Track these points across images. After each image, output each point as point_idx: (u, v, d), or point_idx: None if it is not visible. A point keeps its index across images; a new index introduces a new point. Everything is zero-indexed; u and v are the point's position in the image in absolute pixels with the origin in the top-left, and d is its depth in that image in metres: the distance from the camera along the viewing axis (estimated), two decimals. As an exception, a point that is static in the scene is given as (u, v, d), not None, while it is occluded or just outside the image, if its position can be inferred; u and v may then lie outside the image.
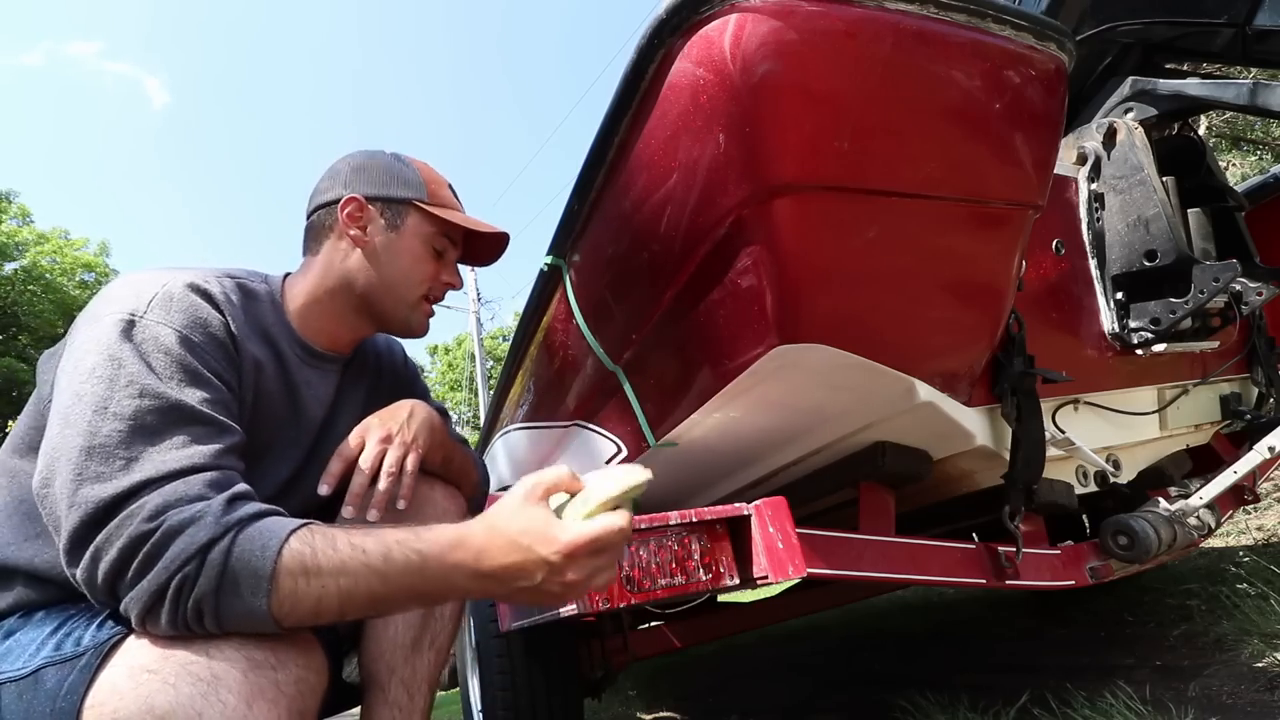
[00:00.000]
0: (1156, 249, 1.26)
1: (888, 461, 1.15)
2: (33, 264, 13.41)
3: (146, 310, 0.75)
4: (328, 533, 0.65)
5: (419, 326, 1.00)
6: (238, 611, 0.62)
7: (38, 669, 0.65)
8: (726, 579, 0.87)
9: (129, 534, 0.62)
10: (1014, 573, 1.20)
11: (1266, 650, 1.39)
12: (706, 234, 0.89)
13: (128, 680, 0.60)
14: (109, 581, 0.63)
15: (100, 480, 0.64)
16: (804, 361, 0.93)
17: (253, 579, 0.62)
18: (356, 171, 0.96)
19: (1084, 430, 1.27)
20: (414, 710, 0.92)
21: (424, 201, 0.95)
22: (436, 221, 0.96)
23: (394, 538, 0.65)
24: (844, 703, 1.96)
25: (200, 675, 0.59)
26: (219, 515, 0.64)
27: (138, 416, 0.68)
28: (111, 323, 0.73)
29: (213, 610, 0.62)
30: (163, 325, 0.74)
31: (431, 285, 0.98)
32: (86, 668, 0.63)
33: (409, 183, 0.96)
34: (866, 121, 0.82)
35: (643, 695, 2.91)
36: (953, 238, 0.95)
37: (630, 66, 0.88)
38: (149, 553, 0.62)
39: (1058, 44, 0.91)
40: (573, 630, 1.68)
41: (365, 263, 0.94)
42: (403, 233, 0.95)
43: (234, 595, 0.62)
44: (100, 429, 0.66)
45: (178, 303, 0.77)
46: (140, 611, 0.62)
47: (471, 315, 15.30)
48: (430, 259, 0.97)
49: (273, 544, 0.63)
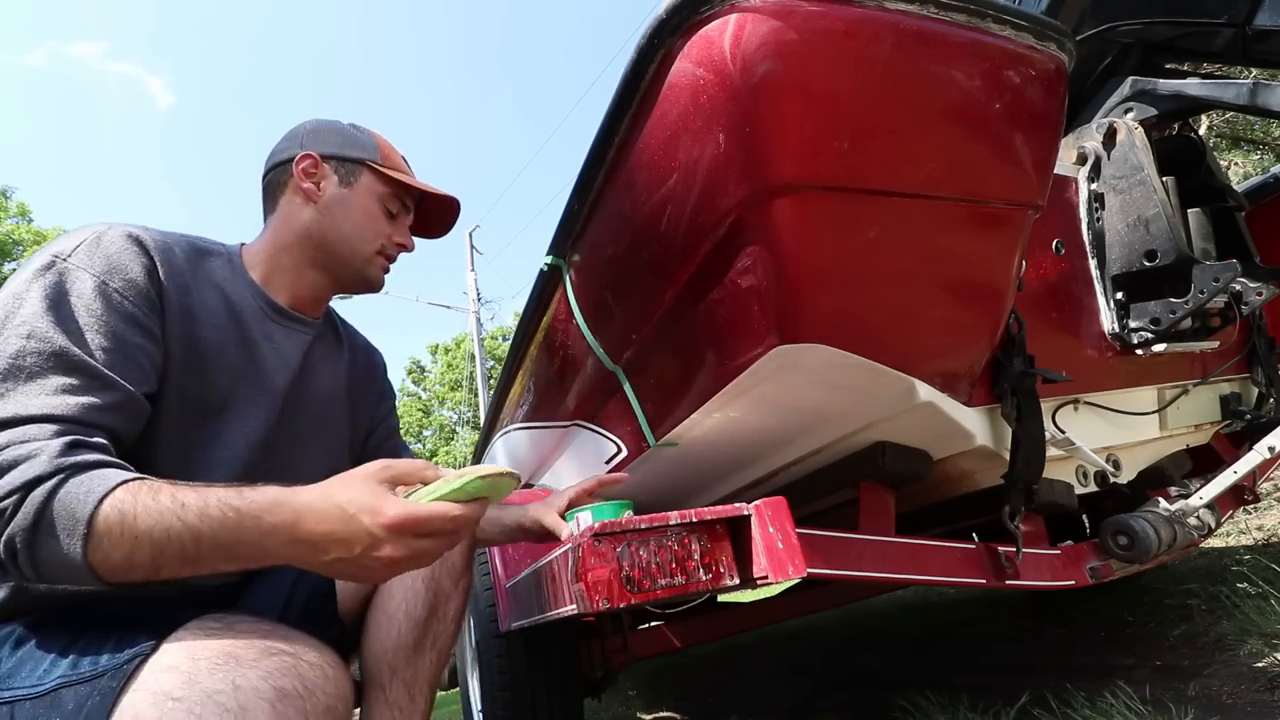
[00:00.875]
0: (1156, 249, 1.26)
1: (888, 461, 1.15)
2: (32, 263, 13.40)
3: (71, 254, 0.75)
4: (156, 486, 0.63)
5: (375, 280, 1.03)
6: (53, 555, 0.60)
7: (54, 689, 0.63)
8: (726, 579, 0.87)
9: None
10: (1014, 573, 1.20)
11: (1266, 650, 1.39)
12: (706, 234, 0.89)
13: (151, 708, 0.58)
14: None
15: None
16: (804, 361, 0.93)
17: (70, 522, 0.60)
18: (312, 133, 0.99)
19: (1084, 430, 1.27)
20: (414, 711, 0.92)
21: (376, 162, 0.99)
22: (389, 182, 1.00)
23: (216, 495, 0.63)
24: (844, 703, 1.96)
25: (227, 705, 0.58)
26: (54, 455, 0.62)
27: (18, 357, 0.68)
28: (35, 264, 0.74)
29: (27, 548, 0.60)
30: (81, 270, 0.75)
31: (385, 243, 1.01)
32: (107, 691, 0.61)
33: (363, 145, 1.00)
34: (866, 121, 0.82)
35: (643, 695, 2.91)
36: (953, 238, 0.95)
37: (630, 66, 0.88)
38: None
39: (1058, 44, 0.91)
40: (573, 630, 1.68)
41: (319, 216, 0.96)
42: (355, 189, 0.98)
43: (50, 536, 0.60)
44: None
45: (104, 248, 0.77)
46: None
47: (471, 315, 15.30)
48: (383, 217, 1.00)
49: (98, 490, 0.61)
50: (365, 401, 1.12)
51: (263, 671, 0.61)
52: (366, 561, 0.64)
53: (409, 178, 1.02)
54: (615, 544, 0.81)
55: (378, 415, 1.14)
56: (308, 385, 0.99)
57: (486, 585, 1.68)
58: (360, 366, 1.11)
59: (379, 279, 1.03)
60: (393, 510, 0.63)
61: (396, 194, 1.01)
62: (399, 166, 1.03)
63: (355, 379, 1.10)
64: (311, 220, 0.96)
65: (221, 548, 0.62)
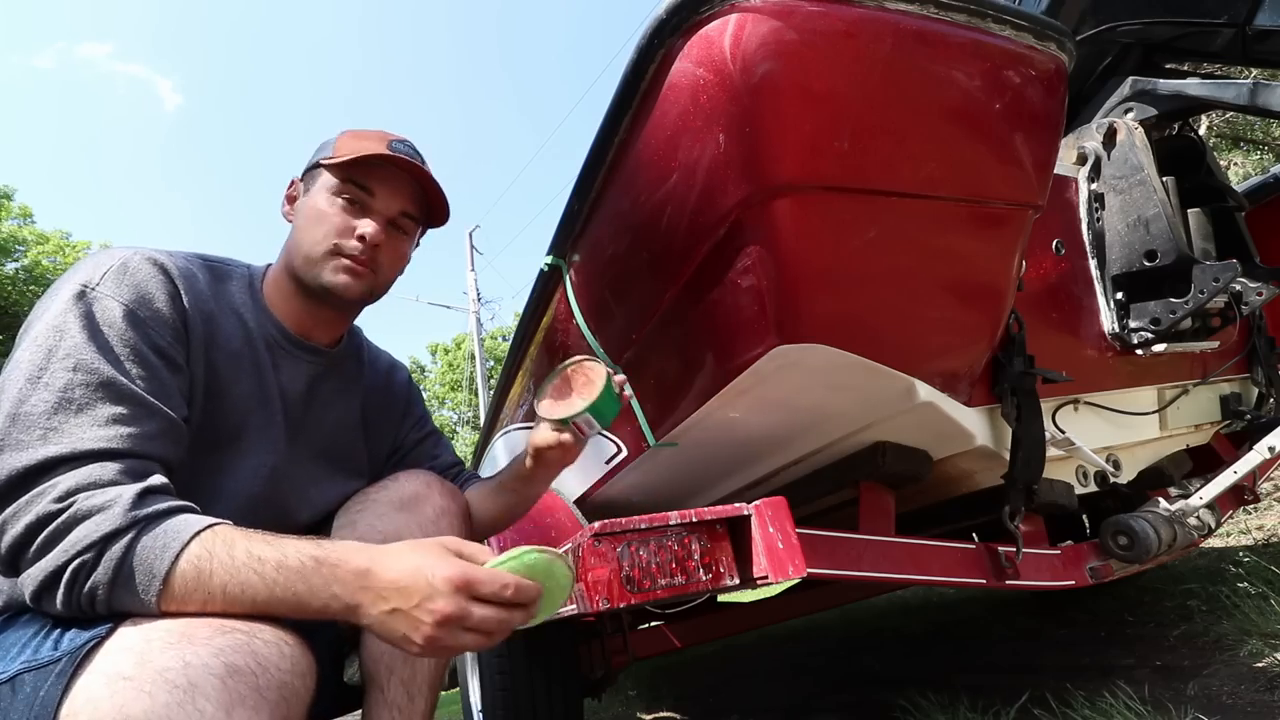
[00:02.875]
0: (1156, 249, 1.26)
1: (888, 461, 1.15)
2: (34, 264, 13.40)
3: (99, 282, 0.75)
4: (231, 538, 0.65)
5: (333, 285, 0.91)
6: (127, 605, 0.63)
7: (15, 675, 0.64)
8: (726, 579, 0.87)
9: (36, 512, 0.63)
10: (1014, 573, 1.20)
11: (1266, 650, 1.39)
12: (707, 234, 0.89)
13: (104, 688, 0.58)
14: (12, 554, 0.64)
15: (18, 449, 0.65)
16: (804, 361, 0.93)
17: (147, 578, 0.63)
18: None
19: (1084, 430, 1.27)
20: (414, 712, 0.92)
21: (327, 158, 0.92)
22: (336, 170, 0.91)
23: (294, 545, 0.65)
24: (844, 703, 1.96)
25: (176, 683, 0.58)
26: (127, 508, 0.64)
27: (68, 390, 0.68)
28: (65, 294, 0.74)
29: (104, 601, 0.63)
30: (110, 298, 0.75)
31: (340, 239, 0.90)
32: (61, 675, 0.61)
33: (323, 148, 0.96)
34: (866, 121, 0.82)
35: (643, 695, 2.91)
36: (953, 238, 0.95)
37: (630, 66, 0.88)
38: (52, 534, 0.63)
39: (1058, 44, 0.91)
40: (573, 630, 1.68)
41: (290, 235, 0.95)
42: (310, 194, 0.94)
43: (126, 590, 0.63)
44: (29, 397, 0.67)
45: (130, 276, 0.77)
46: (35, 590, 0.63)
47: (471, 315, 15.30)
48: (337, 212, 0.91)
49: (174, 546, 0.63)
50: (385, 424, 1.11)
51: (214, 649, 0.60)
52: (419, 614, 0.64)
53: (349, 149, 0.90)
54: (615, 544, 0.81)
55: (401, 433, 1.14)
56: (317, 416, 0.98)
57: (486, 585, 1.68)
58: (380, 389, 1.10)
59: (337, 281, 0.90)
60: (454, 568, 0.64)
61: (347, 179, 0.91)
62: (360, 150, 0.90)
63: (372, 404, 1.08)
64: (289, 244, 0.94)
65: (292, 597, 0.64)
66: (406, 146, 0.95)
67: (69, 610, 0.63)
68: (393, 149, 0.92)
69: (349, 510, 1.00)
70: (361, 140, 0.92)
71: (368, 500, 1.00)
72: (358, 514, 0.99)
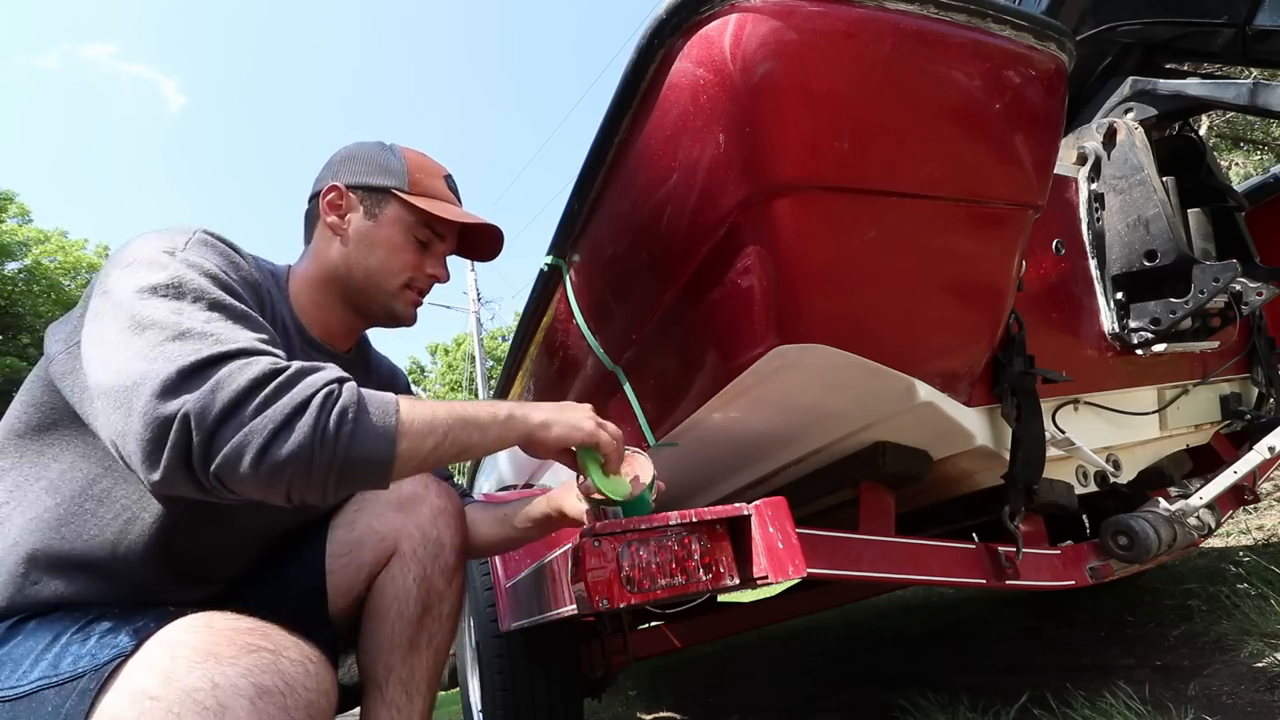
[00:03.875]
0: (1156, 249, 1.26)
1: (888, 461, 1.15)
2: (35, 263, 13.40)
3: (184, 249, 0.76)
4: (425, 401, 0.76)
5: (404, 315, 1.00)
6: (371, 436, 0.67)
7: (35, 690, 0.63)
8: (726, 579, 0.87)
9: (260, 367, 0.64)
10: (1014, 573, 1.20)
11: (1266, 650, 1.39)
12: (706, 234, 0.89)
13: (130, 708, 0.58)
14: (230, 407, 0.62)
15: (196, 351, 0.64)
16: (804, 361, 0.93)
17: (382, 405, 0.69)
18: (344, 161, 0.96)
19: (1084, 430, 1.27)
20: (413, 710, 0.92)
21: (404, 190, 0.94)
22: (416, 211, 0.95)
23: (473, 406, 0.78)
24: (844, 703, 1.96)
25: (205, 704, 0.57)
26: (341, 369, 0.70)
27: (211, 318, 0.69)
28: (154, 257, 0.73)
29: (354, 420, 0.66)
30: (204, 260, 0.76)
31: (413, 275, 0.97)
32: (85, 692, 0.60)
33: (390, 171, 0.95)
34: (866, 122, 0.82)
35: (643, 695, 2.91)
36: (953, 238, 0.94)
37: (630, 66, 0.88)
38: (285, 380, 0.65)
39: (1058, 44, 0.91)
40: (573, 630, 1.68)
41: (345, 251, 0.94)
42: (381, 221, 0.94)
43: (369, 415, 0.67)
44: (181, 323, 0.67)
45: (210, 248, 0.80)
46: (273, 428, 0.62)
47: (471, 315, 15.30)
48: (411, 249, 0.96)
49: (391, 396, 0.71)
50: None
51: (242, 668, 0.60)
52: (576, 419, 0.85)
53: (440, 205, 0.96)
54: (615, 544, 0.81)
55: None
56: None
57: (486, 585, 1.68)
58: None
59: (408, 314, 0.99)
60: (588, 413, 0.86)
61: (425, 222, 0.96)
62: (434, 192, 0.97)
63: None
64: (339, 257, 0.94)
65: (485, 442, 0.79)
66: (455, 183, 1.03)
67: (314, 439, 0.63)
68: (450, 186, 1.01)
69: (347, 510, 1.00)
70: (430, 178, 0.98)
71: (365, 500, 1.00)
72: (356, 513, 0.99)
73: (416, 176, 0.96)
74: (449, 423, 0.74)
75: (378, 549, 0.97)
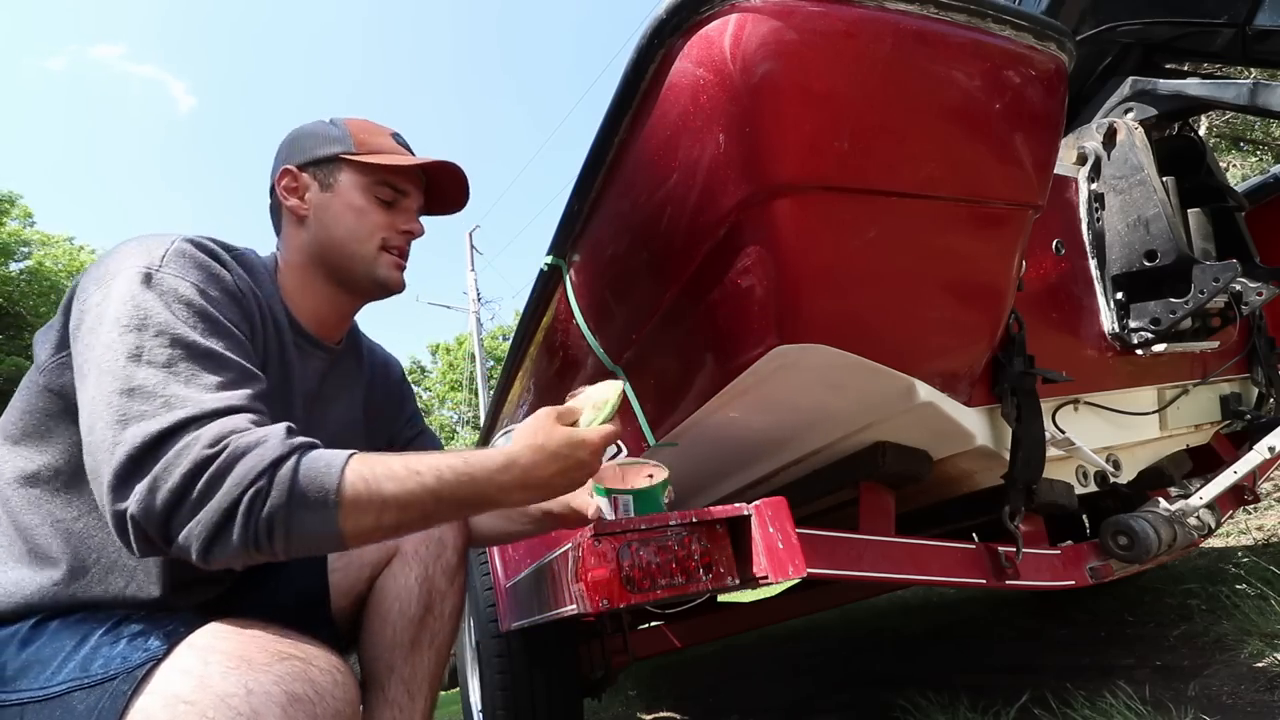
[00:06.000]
0: (1156, 249, 1.26)
1: (888, 461, 1.15)
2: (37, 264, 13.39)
3: (161, 264, 0.75)
4: (383, 458, 0.69)
5: (389, 280, 0.95)
6: (309, 527, 0.64)
7: (65, 691, 0.64)
8: (727, 579, 0.87)
9: (192, 459, 0.63)
10: (1014, 573, 1.20)
11: (1266, 650, 1.39)
12: (706, 234, 0.89)
13: (165, 710, 0.59)
14: (166, 511, 0.62)
15: (145, 418, 0.65)
16: (804, 361, 0.93)
17: (321, 492, 0.64)
18: (289, 144, 0.95)
19: (1084, 430, 1.27)
20: (414, 710, 0.92)
21: (351, 153, 0.92)
22: (369, 169, 0.92)
23: (445, 461, 0.71)
24: (844, 703, 1.96)
25: (239, 710, 0.58)
26: (282, 438, 0.66)
27: (171, 363, 0.68)
28: (129, 277, 0.72)
29: (284, 523, 0.63)
30: (180, 279, 0.74)
31: (386, 235, 0.94)
32: (119, 695, 0.61)
33: (333, 139, 0.93)
34: (866, 121, 0.82)
35: (643, 695, 2.91)
36: (953, 238, 0.95)
37: (630, 66, 0.88)
38: (215, 473, 0.63)
39: (1058, 44, 0.91)
40: (573, 630, 1.68)
41: (312, 230, 0.92)
42: (337, 190, 0.92)
43: (304, 509, 0.64)
44: (136, 375, 0.67)
45: (190, 259, 0.77)
46: (207, 535, 0.62)
47: (471, 315, 15.30)
48: (375, 209, 0.93)
49: (336, 463, 0.66)
50: (384, 422, 1.11)
51: (275, 676, 0.61)
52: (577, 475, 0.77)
53: (391, 158, 0.93)
54: (615, 544, 0.81)
55: (397, 427, 1.14)
56: (324, 412, 0.98)
57: (487, 585, 1.68)
58: (379, 386, 1.10)
59: (393, 278, 0.96)
60: (594, 438, 0.78)
61: (384, 179, 0.93)
62: (379, 149, 0.94)
63: (374, 399, 1.08)
64: (309, 238, 0.93)
65: (459, 504, 0.72)
66: (406, 140, 0.99)
67: (246, 549, 0.63)
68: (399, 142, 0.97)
69: None
70: (376, 136, 0.95)
71: None
72: None
73: (361, 137, 0.93)
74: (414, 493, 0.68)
75: (380, 548, 0.97)
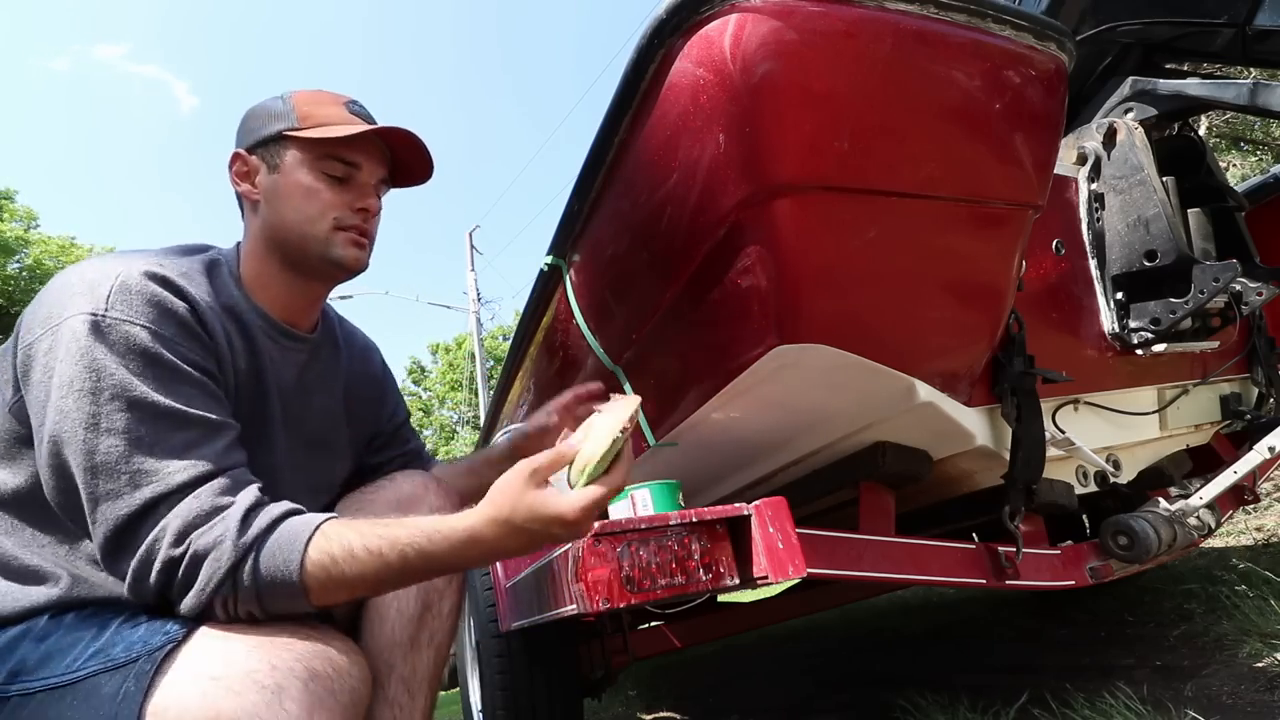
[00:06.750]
0: (1156, 249, 1.26)
1: (888, 461, 1.15)
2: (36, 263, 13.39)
3: (108, 307, 0.71)
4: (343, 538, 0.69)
5: (345, 259, 0.89)
6: (283, 607, 0.69)
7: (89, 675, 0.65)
8: (726, 579, 0.87)
9: (162, 559, 0.67)
10: (1014, 573, 1.20)
11: (1266, 650, 1.39)
12: (706, 234, 0.89)
13: (192, 686, 0.62)
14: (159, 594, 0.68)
15: (112, 498, 0.67)
16: (804, 361, 0.93)
17: (287, 585, 0.67)
18: (239, 128, 0.91)
19: (1084, 430, 1.27)
20: (414, 709, 0.92)
21: (294, 129, 0.86)
22: (313, 145, 0.86)
23: (406, 540, 0.69)
24: (844, 703, 1.96)
25: (265, 684, 0.61)
26: (235, 538, 0.67)
27: (130, 429, 0.68)
28: (76, 326, 0.69)
29: (260, 608, 0.68)
30: (129, 323, 0.71)
31: (339, 214, 0.88)
32: (142, 674, 0.63)
33: (276, 115, 0.87)
34: (866, 122, 0.82)
35: (643, 695, 2.91)
36: (952, 238, 0.95)
37: (630, 66, 0.88)
38: (185, 578, 0.67)
39: (1058, 44, 0.91)
40: (573, 630, 1.68)
41: (265, 214, 0.88)
42: (284, 169, 0.87)
43: (273, 599, 0.68)
44: (97, 447, 0.67)
45: (137, 294, 0.73)
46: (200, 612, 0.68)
47: (471, 315, 15.29)
48: (326, 187, 0.87)
49: (295, 554, 0.68)
50: (366, 412, 1.09)
51: (296, 653, 0.65)
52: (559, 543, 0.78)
53: (339, 128, 0.86)
54: (615, 544, 0.81)
55: (381, 417, 1.13)
56: (306, 406, 0.97)
57: (486, 585, 1.68)
58: (359, 375, 1.08)
59: (349, 255, 0.89)
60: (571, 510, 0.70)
61: (331, 153, 0.87)
62: (329, 119, 0.87)
63: (354, 389, 1.06)
64: (262, 223, 0.88)
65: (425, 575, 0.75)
66: (364, 109, 0.93)
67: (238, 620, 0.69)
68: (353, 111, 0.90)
69: (346, 510, 1.00)
70: (325, 107, 0.89)
71: (365, 500, 1.00)
72: (355, 513, 0.99)
73: (305, 110, 0.87)
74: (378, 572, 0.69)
75: None
